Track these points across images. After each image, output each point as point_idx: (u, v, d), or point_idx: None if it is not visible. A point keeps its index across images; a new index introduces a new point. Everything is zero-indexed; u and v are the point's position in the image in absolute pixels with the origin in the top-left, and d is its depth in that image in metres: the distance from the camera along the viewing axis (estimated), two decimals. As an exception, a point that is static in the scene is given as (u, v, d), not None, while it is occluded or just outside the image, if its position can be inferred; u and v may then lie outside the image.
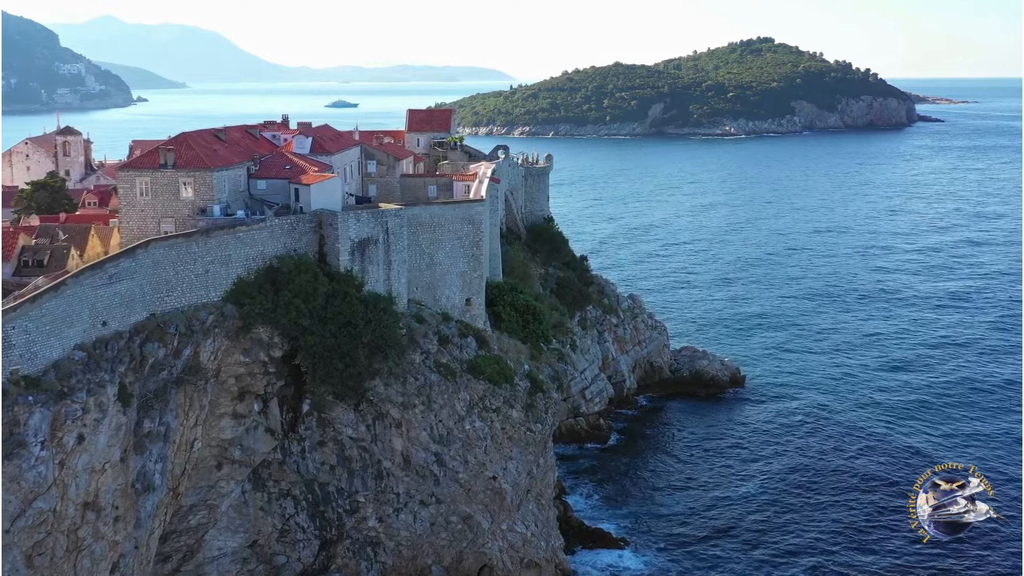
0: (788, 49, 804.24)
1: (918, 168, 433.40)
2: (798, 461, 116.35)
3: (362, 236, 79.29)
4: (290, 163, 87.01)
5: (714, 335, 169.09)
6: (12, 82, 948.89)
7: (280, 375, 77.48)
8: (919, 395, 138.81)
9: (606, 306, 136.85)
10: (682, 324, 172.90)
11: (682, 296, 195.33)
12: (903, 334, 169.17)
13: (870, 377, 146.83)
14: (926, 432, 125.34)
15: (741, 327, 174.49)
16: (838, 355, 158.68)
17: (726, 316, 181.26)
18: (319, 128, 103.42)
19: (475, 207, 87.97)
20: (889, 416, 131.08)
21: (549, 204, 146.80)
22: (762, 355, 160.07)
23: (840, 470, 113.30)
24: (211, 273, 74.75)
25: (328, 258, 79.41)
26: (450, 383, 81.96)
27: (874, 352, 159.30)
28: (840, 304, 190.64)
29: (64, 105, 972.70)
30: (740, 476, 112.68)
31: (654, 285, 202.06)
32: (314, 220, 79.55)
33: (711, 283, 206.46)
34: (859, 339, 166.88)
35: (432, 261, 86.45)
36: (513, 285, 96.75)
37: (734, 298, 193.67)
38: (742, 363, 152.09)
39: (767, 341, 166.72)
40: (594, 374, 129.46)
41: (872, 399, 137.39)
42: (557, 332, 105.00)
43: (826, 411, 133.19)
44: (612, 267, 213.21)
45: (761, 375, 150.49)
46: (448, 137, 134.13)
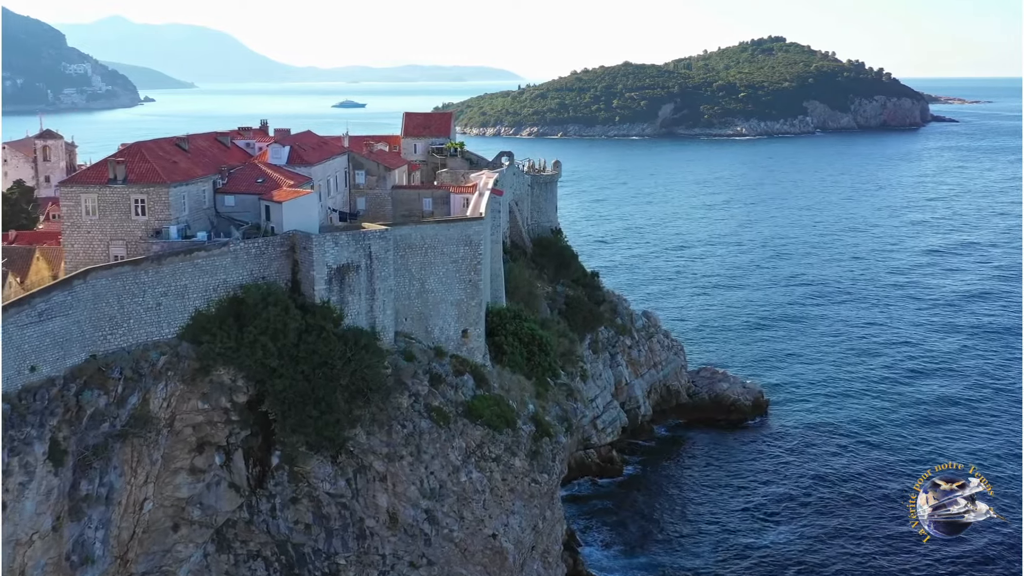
0: (800, 48, 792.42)
1: (937, 170, 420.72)
2: (835, 501, 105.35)
3: (341, 262, 68.70)
4: (262, 176, 76.51)
5: (732, 349, 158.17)
6: (18, 82, 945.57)
7: (245, 423, 66.88)
8: (951, 406, 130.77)
9: (619, 326, 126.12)
10: (697, 336, 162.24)
11: (697, 304, 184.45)
12: (926, 341, 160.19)
13: (901, 393, 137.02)
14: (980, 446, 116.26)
15: (759, 339, 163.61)
16: (865, 368, 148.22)
17: (743, 326, 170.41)
18: (299, 135, 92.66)
19: (473, 226, 77.29)
20: (927, 435, 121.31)
21: (557, 214, 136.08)
22: (783, 371, 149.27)
23: (882, 512, 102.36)
24: (164, 307, 64.34)
25: (302, 287, 68.88)
26: (443, 429, 71.33)
27: (901, 362, 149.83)
28: (863, 310, 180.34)
29: (70, 105, 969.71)
30: (772, 518, 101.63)
31: (664, 291, 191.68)
32: (286, 243, 69.03)
33: (726, 290, 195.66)
34: (884, 348, 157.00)
35: (423, 288, 75.82)
36: (516, 312, 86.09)
37: (750, 306, 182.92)
38: (763, 380, 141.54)
39: (787, 354, 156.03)
40: (606, 401, 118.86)
41: (907, 419, 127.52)
42: (566, 362, 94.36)
43: (860, 438, 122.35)
44: (620, 271, 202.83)
45: (784, 396, 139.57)
46: (447, 143, 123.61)
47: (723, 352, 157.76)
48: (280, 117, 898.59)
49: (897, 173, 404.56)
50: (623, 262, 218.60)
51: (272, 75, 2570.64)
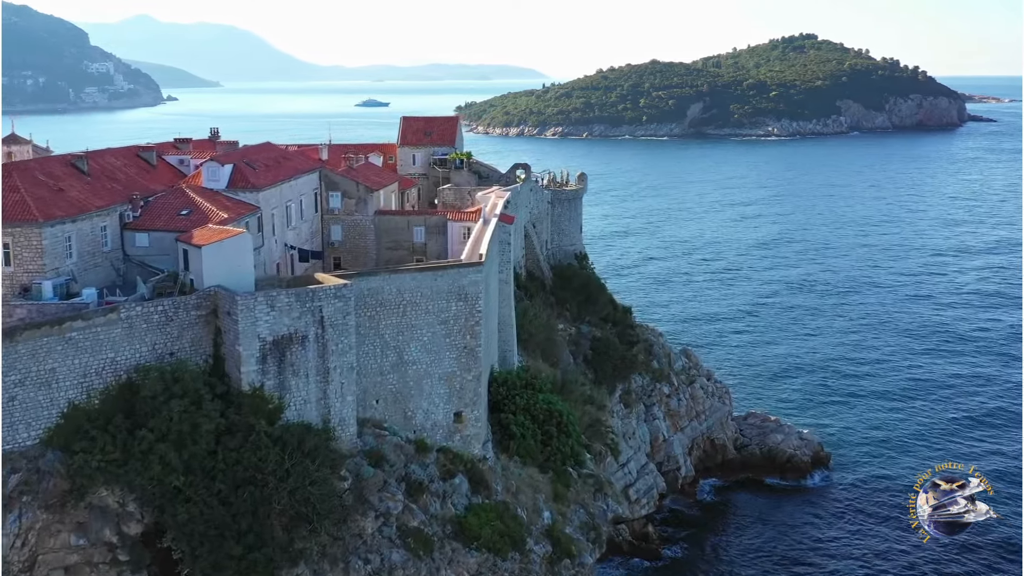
0: (832, 46, 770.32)
1: (984, 174, 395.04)
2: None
3: (280, 332, 49.07)
4: (189, 205, 57.09)
5: (780, 388, 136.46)
6: (40, 81, 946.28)
7: (139, 565, 47.17)
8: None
9: (655, 371, 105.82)
10: (740, 372, 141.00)
11: (737, 331, 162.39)
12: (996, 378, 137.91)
13: (986, 442, 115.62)
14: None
15: (811, 374, 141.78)
16: (948, 412, 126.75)
17: (790, 359, 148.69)
18: (251, 148, 72.69)
19: (469, 274, 57.33)
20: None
21: (582, 236, 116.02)
22: (845, 415, 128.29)
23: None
24: (20, 401, 45.01)
25: (226, 367, 49.42)
26: (424, 561, 51.49)
27: (989, 408, 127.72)
28: (941, 343, 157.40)
29: (91, 104, 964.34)
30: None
31: (698, 315, 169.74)
32: (205, 305, 49.53)
33: (769, 316, 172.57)
34: (967, 388, 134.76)
35: (401, 360, 56.01)
36: (528, 380, 66.08)
37: (799, 335, 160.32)
38: (822, 426, 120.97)
39: (848, 393, 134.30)
40: (640, 465, 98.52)
41: (1005, 468, 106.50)
42: (592, 435, 74.24)
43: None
44: (644, 291, 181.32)
45: (849, 446, 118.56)
46: (452, 153, 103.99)
47: (770, 392, 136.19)
48: (302, 117, 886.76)
49: (943, 178, 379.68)
50: (647, 280, 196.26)
51: (298, 74, 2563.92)
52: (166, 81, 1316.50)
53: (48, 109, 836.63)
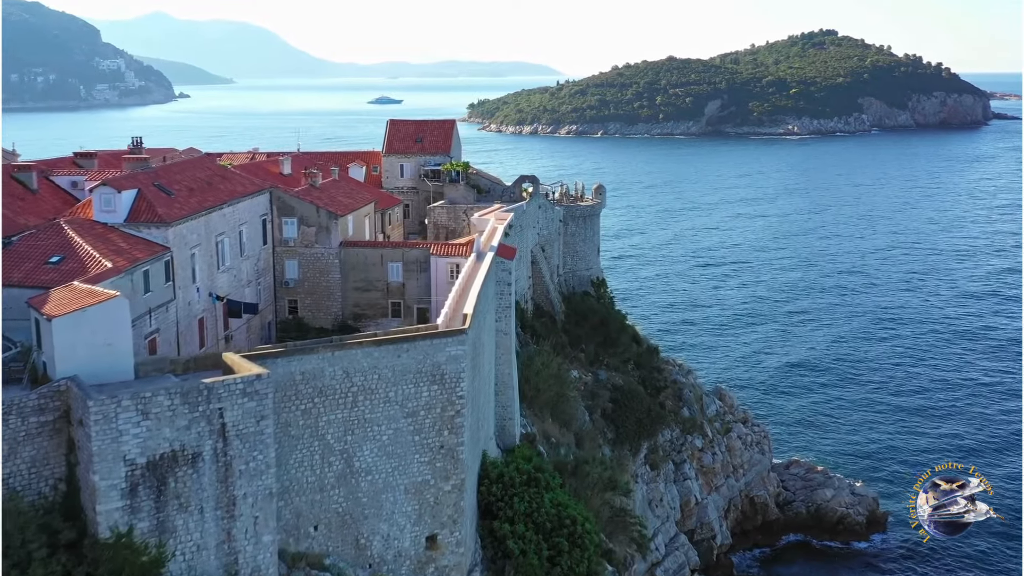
0: (853, 42, 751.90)
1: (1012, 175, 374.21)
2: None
3: (158, 450, 33.12)
4: (63, 249, 41.23)
5: (822, 430, 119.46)
6: (51, 78, 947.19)
7: None
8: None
9: (686, 421, 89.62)
10: (775, 412, 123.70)
11: (771, 356, 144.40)
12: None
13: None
14: None
15: (856, 414, 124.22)
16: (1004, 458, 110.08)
17: (836, 391, 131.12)
18: (169, 167, 55.30)
19: (448, 347, 40.93)
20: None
21: (600, 259, 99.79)
22: (897, 461, 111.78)
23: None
24: None
25: (82, 499, 33.59)
26: None
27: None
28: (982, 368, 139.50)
29: (102, 102, 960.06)
30: None
31: (728, 339, 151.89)
32: (52, 407, 33.69)
33: (810, 343, 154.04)
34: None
35: (351, 468, 39.91)
36: (532, 473, 49.86)
37: (842, 364, 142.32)
38: (874, 478, 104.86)
39: (902, 438, 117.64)
40: (669, 537, 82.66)
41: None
42: (615, 529, 57.93)
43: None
44: (661, 313, 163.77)
45: (906, 497, 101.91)
46: (447, 163, 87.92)
47: (812, 434, 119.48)
48: (315, 114, 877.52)
49: (976, 180, 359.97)
50: (668, 300, 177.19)
51: (312, 72, 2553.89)
52: (180, 78, 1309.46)
53: (59, 106, 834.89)
